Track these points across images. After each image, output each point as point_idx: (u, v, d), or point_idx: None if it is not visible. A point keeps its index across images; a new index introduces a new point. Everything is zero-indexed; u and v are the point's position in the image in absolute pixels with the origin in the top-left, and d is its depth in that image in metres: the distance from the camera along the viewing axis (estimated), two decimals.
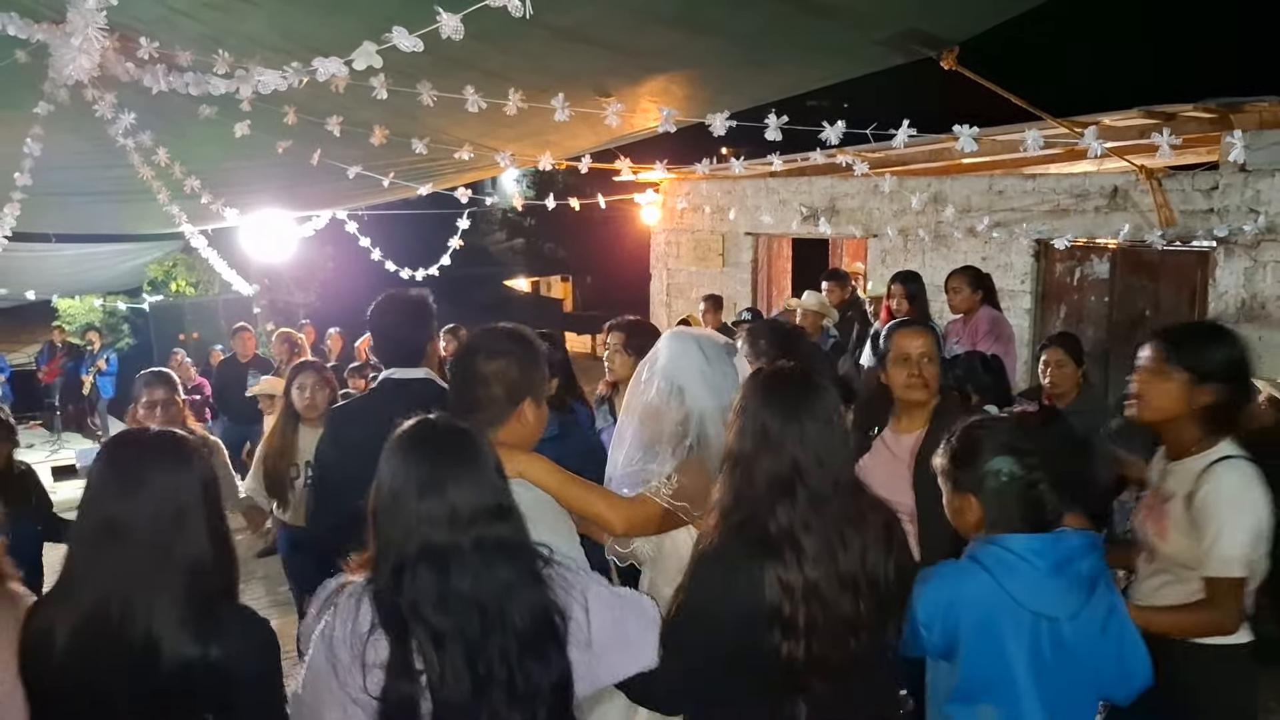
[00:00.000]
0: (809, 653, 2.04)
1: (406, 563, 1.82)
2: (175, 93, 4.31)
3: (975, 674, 2.30)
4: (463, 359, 2.40)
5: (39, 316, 16.88)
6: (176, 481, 1.96)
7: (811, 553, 2.07)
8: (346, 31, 3.60)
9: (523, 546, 1.92)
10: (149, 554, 1.89)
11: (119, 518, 1.90)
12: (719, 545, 2.13)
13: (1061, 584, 2.26)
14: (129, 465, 1.98)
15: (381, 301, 3.39)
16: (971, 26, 4.79)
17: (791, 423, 2.13)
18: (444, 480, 1.85)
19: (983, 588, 2.27)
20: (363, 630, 1.80)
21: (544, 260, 30.78)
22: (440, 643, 1.79)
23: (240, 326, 9.95)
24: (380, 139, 5.49)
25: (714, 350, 2.73)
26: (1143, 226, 7.86)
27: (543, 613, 1.87)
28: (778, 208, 10.66)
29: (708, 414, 2.62)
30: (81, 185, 7.76)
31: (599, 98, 5.13)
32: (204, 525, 1.96)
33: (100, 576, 1.89)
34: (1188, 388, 2.67)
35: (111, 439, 2.11)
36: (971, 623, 2.28)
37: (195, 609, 1.90)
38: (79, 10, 2.97)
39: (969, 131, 4.66)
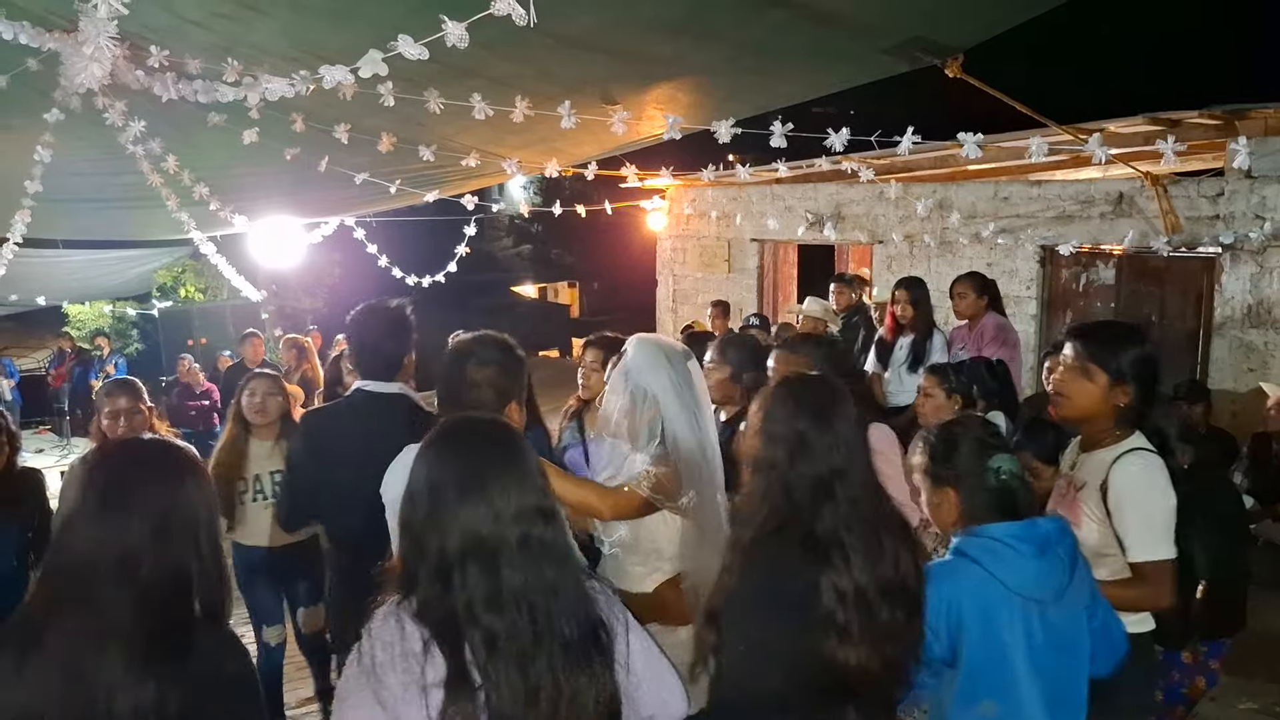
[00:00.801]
0: (859, 659, 2.04)
1: (453, 563, 1.72)
2: (184, 100, 4.34)
3: (975, 670, 2.32)
4: (454, 364, 2.50)
5: (49, 322, 16.96)
6: (159, 496, 1.82)
7: (856, 557, 2.07)
8: (354, 40, 3.62)
9: (568, 551, 1.85)
10: (113, 575, 1.73)
11: (96, 535, 1.76)
12: (766, 553, 2.12)
13: (1046, 566, 2.34)
14: (103, 483, 1.83)
15: (360, 313, 3.39)
16: (976, 34, 4.81)
17: (826, 428, 2.17)
18: (485, 477, 1.77)
19: (976, 579, 2.32)
20: (415, 649, 1.68)
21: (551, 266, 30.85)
22: (493, 645, 1.69)
23: (249, 332, 9.99)
24: (387, 146, 5.52)
25: (676, 355, 2.91)
26: (1148, 233, 7.86)
27: (588, 622, 1.80)
28: (783, 214, 10.67)
29: (673, 414, 2.82)
30: (91, 192, 7.81)
31: (605, 105, 5.16)
32: (190, 544, 1.83)
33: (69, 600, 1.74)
34: (1107, 388, 2.79)
35: (90, 453, 2.00)
36: (972, 617, 2.31)
37: (159, 644, 1.73)
38: (91, 19, 2.99)
39: (974, 138, 4.66)
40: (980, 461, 2.42)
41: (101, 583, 1.73)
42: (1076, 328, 3.03)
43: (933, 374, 4.61)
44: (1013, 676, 2.31)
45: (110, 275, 14.97)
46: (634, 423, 2.85)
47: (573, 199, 9.27)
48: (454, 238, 10.28)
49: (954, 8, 4.63)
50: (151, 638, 1.72)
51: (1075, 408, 2.87)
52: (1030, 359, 8.21)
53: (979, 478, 2.42)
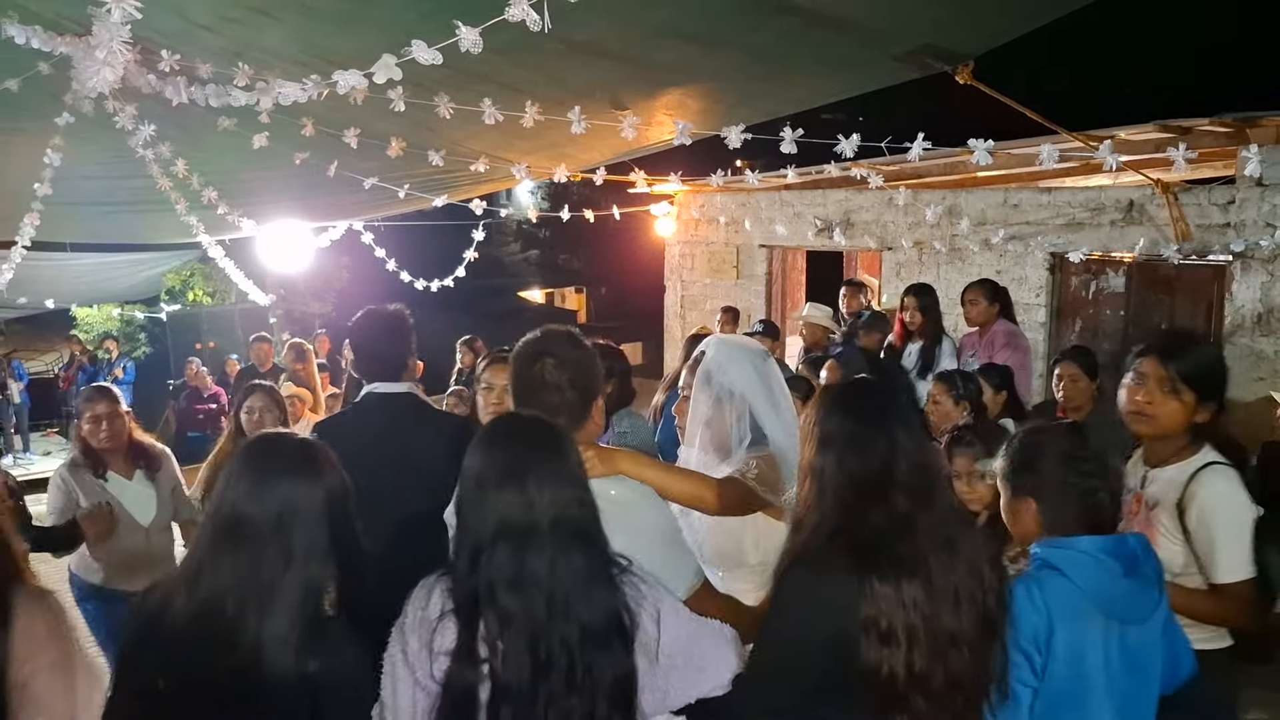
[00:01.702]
0: (909, 669, 1.95)
1: (484, 545, 1.87)
2: (194, 104, 4.35)
3: (1056, 691, 2.21)
4: (532, 366, 2.37)
5: (58, 325, 17.01)
6: (304, 489, 1.99)
7: (909, 560, 1.99)
8: (365, 44, 3.63)
9: (598, 539, 1.94)
10: (270, 559, 1.92)
11: (245, 517, 1.94)
12: (810, 556, 2.08)
13: (1133, 585, 2.25)
14: (261, 468, 2.00)
15: (362, 318, 3.42)
16: (987, 41, 4.80)
17: (879, 431, 2.10)
18: (525, 469, 1.90)
19: (1065, 592, 2.21)
20: (432, 617, 1.88)
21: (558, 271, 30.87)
22: (506, 623, 1.83)
23: (259, 336, 10.02)
24: (397, 151, 5.53)
25: (757, 353, 2.91)
26: (1159, 240, 7.83)
27: (611, 609, 1.89)
28: (792, 220, 10.66)
29: (763, 411, 2.77)
30: (101, 195, 7.84)
31: (615, 111, 5.16)
32: (327, 536, 1.98)
33: (220, 572, 1.92)
34: (1194, 407, 2.74)
35: (249, 442, 2.13)
36: (1061, 632, 2.20)
37: (304, 622, 1.91)
38: (104, 24, 3.00)
39: (984, 145, 4.66)
40: (1066, 472, 2.34)
41: (257, 557, 1.91)
42: (1157, 344, 2.88)
43: (940, 381, 4.62)
44: (1090, 701, 2.22)
45: (119, 279, 15.02)
46: (721, 426, 2.77)
47: (580, 204, 9.29)
48: (462, 242, 10.29)
49: (964, 14, 4.62)
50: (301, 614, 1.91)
51: (1161, 428, 2.78)
52: (1040, 366, 8.18)
53: (1064, 489, 2.33)
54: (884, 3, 4.33)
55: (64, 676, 2.09)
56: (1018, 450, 2.46)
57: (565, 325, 2.62)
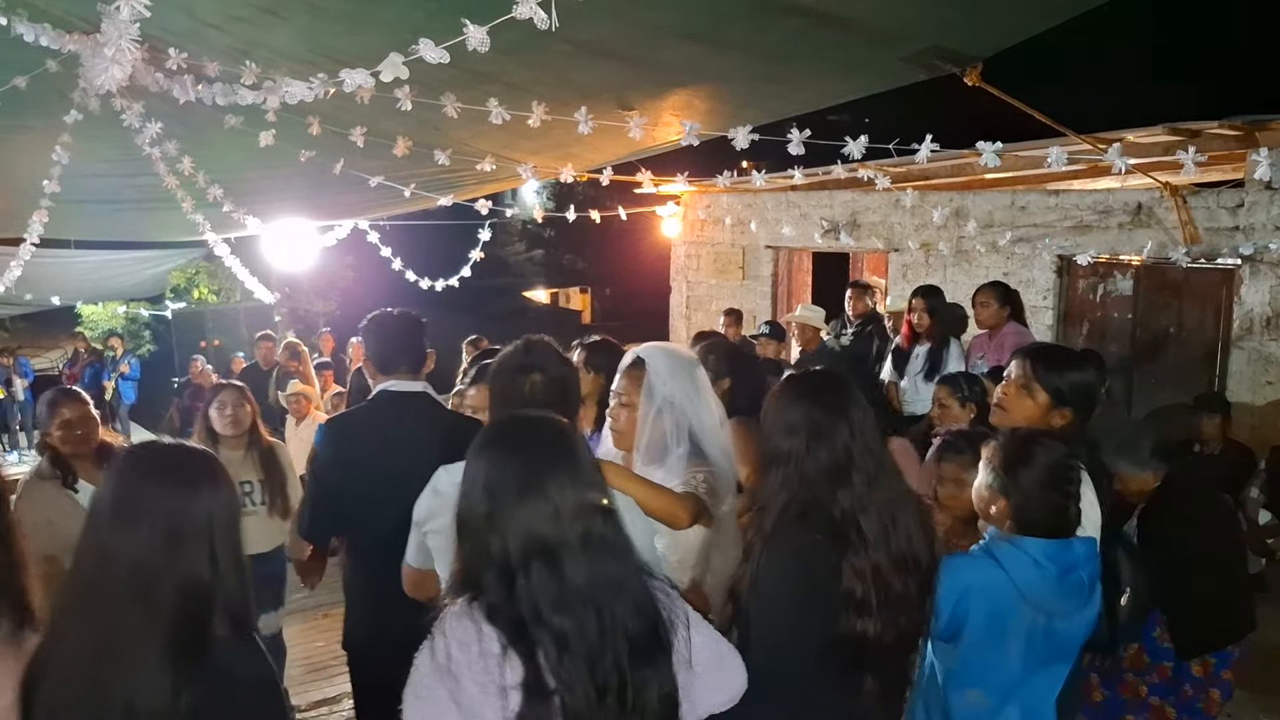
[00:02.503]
0: (875, 631, 2.15)
1: (515, 565, 1.72)
2: (201, 102, 4.34)
3: (973, 660, 2.52)
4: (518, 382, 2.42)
5: (63, 322, 17.04)
6: (174, 504, 1.77)
7: (872, 536, 2.18)
8: (372, 44, 3.63)
9: (627, 547, 1.84)
10: (133, 587, 1.71)
11: (108, 545, 1.73)
12: (789, 538, 2.22)
13: (1066, 588, 2.51)
14: (125, 485, 1.80)
15: (375, 318, 3.42)
16: (995, 43, 4.78)
17: (840, 416, 2.27)
18: (543, 476, 1.76)
19: (996, 581, 2.50)
20: (494, 651, 1.68)
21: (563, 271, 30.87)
22: (564, 647, 1.70)
23: (263, 335, 10.03)
24: (403, 150, 5.52)
25: (690, 361, 2.97)
26: (1167, 243, 7.81)
27: (651, 617, 1.80)
28: (798, 221, 10.65)
29: (699, 419, 2.83)
30: (108, 193, 7.85)
31: (621, 111, 5.14)
32: (205, 549, 1.77)
33: (83, 613, 1.73)
34: (1046, 409, 2.96)
35: (122, 455, 1.93)
36: (980, 612, 2.50)
37: (179, 649, 1.70)
38: (113, 21, 2.99)
39: (992, 147, 4.64)
40: (1046, 486, 2.55)
41: (114, 594, 1.70)
42: (1032, 349, 3.19)
43: (945, 384, 4.60)
44: (1006, 675, 2.52)
45: (124, 276, 15.04)
46: (659, 434, 2.81)
47: (586, 204, 9.28)
48: (467, 242, 10.29)
49: (973, 16, 4.61)
50: (167, 646, 1.70)
51: (1012, 421, 3.01)
52: None
53: (1040, 501, 2.55)
54: (892, 4, 4.32)
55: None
56: (1008, 452, 2.62)
57: (544, 337, 2.66)
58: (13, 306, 14.35)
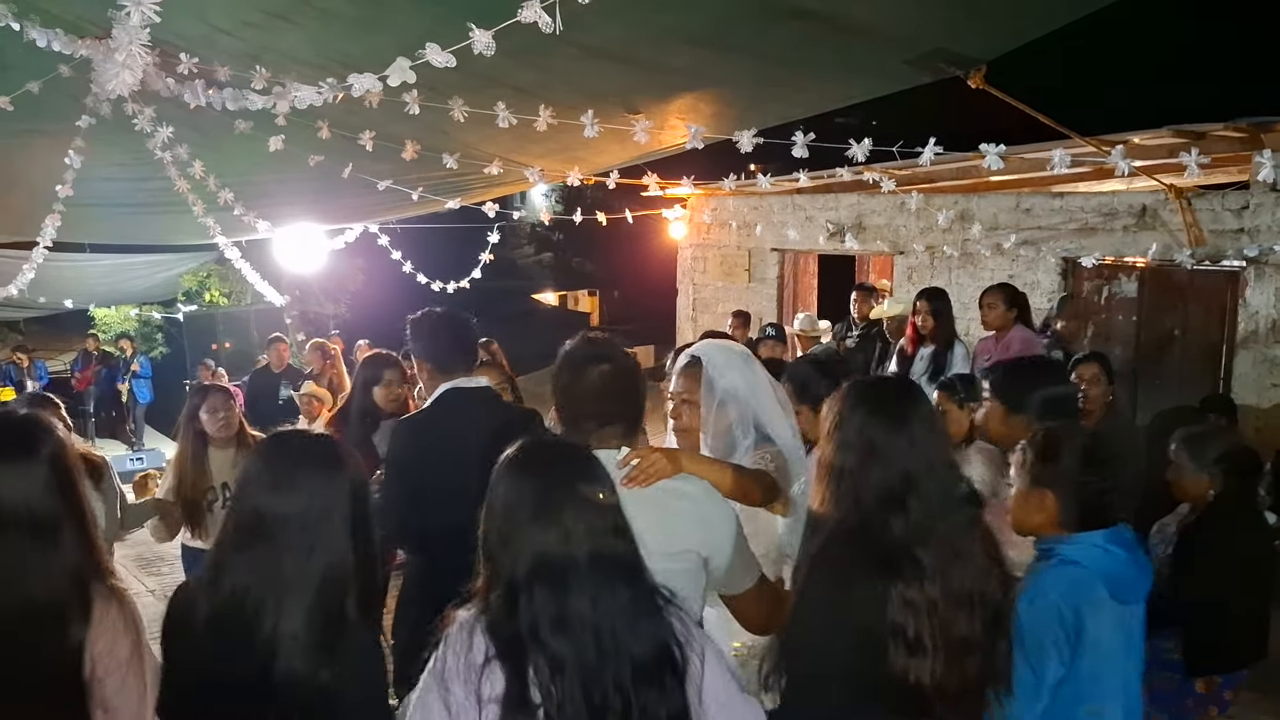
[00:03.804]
0: (932, 676, 1.95)
1: (520, 585, 1.74)
2: (212, 107, 4.39)
3: (1086, 676, 2.38)
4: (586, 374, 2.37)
5: (76, 325, 17.13)
6: (327, 485, 1.96)
7: (929, 568, 1.98)
8: (381, 48, 3.66)
9: (639, 568, 1.82)
10: (291, 555, 1.90)
11: (265, 513, 1.92)
12: (833, 562, 2.05)
13: (1136, 570, 2.47)
14: (282, 463, 1.98)
15: (428, 320, 3.46)
16: (999, 46, 4.81)
17: (899, 433, 2.07)
18: (559, 499, 1.77)
19: (1086, 583, 2.40)
20: (477, 662, 1.72)
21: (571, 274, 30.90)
22: (559, 669, 1.69)
23: (275, 337, 10.07)
24: (411, 154, 5.57)
25: (745, 354, 3.01)
26: (1172, 246, 7.82)
27: (661, 642, 1.77)
28: (804, 224, 10.67)
29: (763, 407, 2.86)
30: (120, 197, 7.91)
31: (628, 114, 5.18)
32: (348, 533, 1.95)
33: (241, 568, 1.91)
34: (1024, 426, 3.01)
35: (269, 438, 2.10)
36: (1090, 621, 2.38)
37: (321, 622, 1.89)
38: (124, 27, 3.04)
39: (996, 150, 4.67)
40: (1085, 470, 2.49)
41: (283, 544, 1.90)
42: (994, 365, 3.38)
43: (941, 390, 4.55)
44: (1118, 680, 2.42)
45: (137, 279, 15.14)
46: (723, 427, 2.85)
47: (594, 208, 9.32)
48: (476, 245, 10.33)
49: (977, 19, 4.63)
50: (315, 610, 1.89)
51: (992, 435, 3.18)
52: None
53: (1082, 486, 2.49)
54: (896, 8, 4.34)
55: (136, 675, 2.12)
56: (1041, 444, 2.57)
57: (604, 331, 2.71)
58: (26, 309, 14.45)
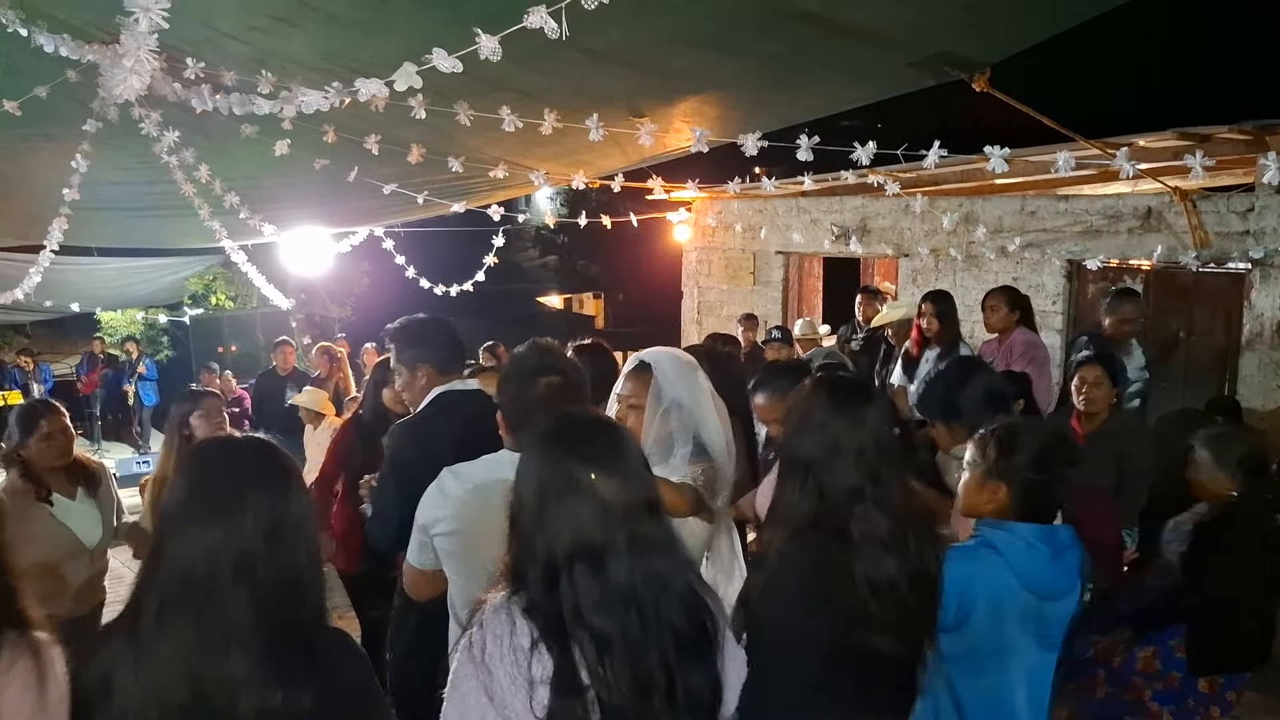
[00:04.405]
0: (894, 645, 2.16)
1: (559, 566, 1.72)
2: (218, 112, 4.41)
3: (978, 648, 2.55)
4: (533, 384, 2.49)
5: (81, 328, 17.18)
6: (271, 497, 1.77)
7: (887, 549, 2.17)
8: (387, 53, 3.69)
9: (674, 543, 1.84)
10: (231, 577, 1.69)
11: (207, 537, 1.71)
12: (800, 547, 2.22)
13: (1057, 570, 2.59)
14: (221, 478, 1.79)
15: (419, 324, 3.45)
16: (1004, 49, 4.81)
17: (860, 428, 2.24)
18: (593, 476, 1.75)
19: (995, 568, 2.55)
20: (523, 645, 1.69)
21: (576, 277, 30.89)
22: (605, 647, 1.69)
23: (281, 340, 10.09)
24: (417, 157, 5.59)
25: (691, 364, 3.08)
26: (1177, 248, 7.82)
27: (699, 613, 1.82)
28: (809, 227, 10.68)
29: (704, 418, 2.94)
30: (126, 200, 7.94)
31: (632, 118, 5.20)
32: (300, 541, 1.78)
33: (177, 615, 1.69)
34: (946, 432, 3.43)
35: (191, 450, 1.89)
36: (983, 600, 2.53)
37: (281, 647, 1.71)
38: (131, 32, 3.07)
39: (1000, 152, 4.67)
40: (1040, 469, 2.59)
41: (218, 586, 1.69)
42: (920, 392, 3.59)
43: None
44: (1020, 667, 2.59)
45: (143, 283, 15.18)
46: (664, 434, 2.91)
47: (599, 211, 9.33)
48: (481, 248, 10.36)
49: (981, 22, 4.64)
50: (273, 640, 1.70)
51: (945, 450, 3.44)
52: (1056, 374, 8.16)
53: (1035, 483, 2.59)
54: (900, 11, 4.35)
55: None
56: (1002, 438, 2.65)
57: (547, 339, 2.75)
58: (33, 313, 14.49)
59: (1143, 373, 6.14)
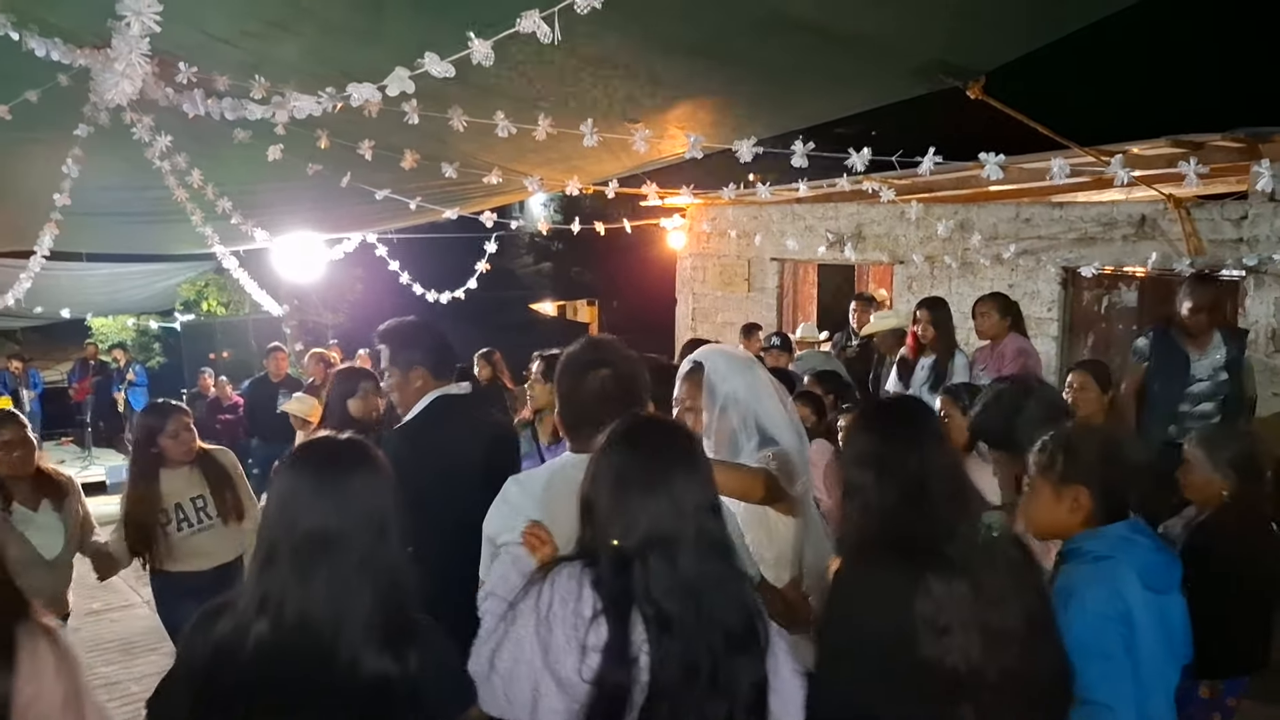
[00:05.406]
0: (967, 660, 2.05)
1: (633, 553, 1.88)
2: (211, 117, 4.39)
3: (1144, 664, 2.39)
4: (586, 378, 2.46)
5: (72, 335, 17.14)
6: (377, 489, 1.95)
7: (956, 563, 2.10)
8: (380, 57, 3.66)
9: (731, 545, 1.99)
10: (355, 567, 1.86)
11: (324, 529, 1.86)
12: (865, 563, 2.21)
13: (1164, 557, 2.48)
14: (332, 476, 1.92)
15: (410, 327, 3.44)
16: (998, 56, 4.82)
17: (908, 445, 2.25)
18: (671, 474, 1.93)
19: (1125, 575, 2.40)
20: (585, 614, 1.86)
21: (570, 284, 30.87)
22: (666, 627, 1.85)
23: (274, 347, 10.05)
24: (411, 163, 5.57)
25: (747, 359, 3.07)
26: (1171, 255, 7.82)
27: (748, 615, 1.94)
28: (804, 233, 10.67)
29: (766, 410, 2.88)
30: (118, 206, 7.90)
31: (627, 124, 5.19)
32: (399, 535, 1.95)
33: (306, 591, 1.84)
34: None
35: (299, 448, 2.03)
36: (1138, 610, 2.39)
37: (393, 624, 1.89)
38: (123, 37, 3.04)
39: (995, 160, 4.66)
40: (1112, 461, 2.51)
41: (343, 571, 1.86)
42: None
43: (945, 395, 4.59)
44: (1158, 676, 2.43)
45: (135, 289, 15.13)
46: (726, 431, 2.88)
47: (593, 217, 9.30)
48: (474, 255, 10.35)
49: (976, 30, 4.64)
50: (383, 624, 1.88)
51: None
52: (1051, 381, 8.15)
53: (1111, 477, 2.50)
54: (895, 19, 4.35)
55: (75, 717, 2.00)
56: (1064, 441, 2.56)
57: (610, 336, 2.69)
58: (23, 319, 14.44)
59: (1218, 373, 5.57)
